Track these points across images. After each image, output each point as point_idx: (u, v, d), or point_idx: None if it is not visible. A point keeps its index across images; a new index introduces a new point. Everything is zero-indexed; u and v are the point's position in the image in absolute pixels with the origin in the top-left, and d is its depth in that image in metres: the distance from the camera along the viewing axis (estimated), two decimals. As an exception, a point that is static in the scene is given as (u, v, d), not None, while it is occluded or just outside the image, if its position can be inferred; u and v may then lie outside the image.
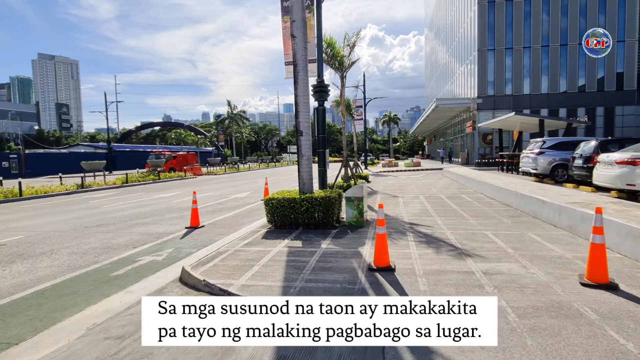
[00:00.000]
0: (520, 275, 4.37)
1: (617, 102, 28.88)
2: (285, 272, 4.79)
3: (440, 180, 18.80)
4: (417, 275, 4.49)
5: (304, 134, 7.88)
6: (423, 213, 9.02)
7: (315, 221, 7.34)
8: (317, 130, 10.84)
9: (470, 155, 34.16)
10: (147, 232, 8.26)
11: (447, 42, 47.08)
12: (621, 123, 28.92)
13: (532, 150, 12.90)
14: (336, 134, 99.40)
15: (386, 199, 11.87)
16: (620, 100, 29.09)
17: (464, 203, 10.47)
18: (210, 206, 12.06)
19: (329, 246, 5.98)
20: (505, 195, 10.08)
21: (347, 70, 14.93)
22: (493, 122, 19.26)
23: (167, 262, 5.96)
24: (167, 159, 31.92)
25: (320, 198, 7.23)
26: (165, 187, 20.51)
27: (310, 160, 7.96)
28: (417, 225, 7.52)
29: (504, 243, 5.87)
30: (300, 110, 7.85)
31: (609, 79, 30.02)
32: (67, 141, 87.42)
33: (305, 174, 7.91)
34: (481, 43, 31.31)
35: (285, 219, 7.41)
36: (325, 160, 10.71)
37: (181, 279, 5.05)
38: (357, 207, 7.55)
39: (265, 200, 7.48)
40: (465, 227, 7.19)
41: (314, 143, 10.86)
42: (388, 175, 24.35)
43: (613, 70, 29.54)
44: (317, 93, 10.70)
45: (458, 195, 12.37)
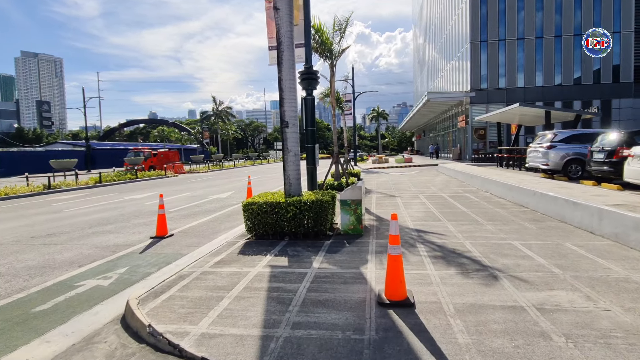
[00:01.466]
0: (591, 313, 3.16)
1: (614, 94, 28.32)
2: (266, 309, 3.49)
3: (437, 177, 17.70)
4: (448, 314, 3.24)
5: (289, 126, 6.56)
6: (429, 217, 7.81)
7: (305, 230, 6.04)
8: (306, 122, 9.57)
9: (463, 151, 33.28)
10: (102, 244, 6.83)
11: (435, 37, 46.18)
12: (618, 116, 28.37)
13: (541, 144, 11.83)
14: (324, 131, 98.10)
15: (383, 200, 10.65)
16: (617, 93, 28.54)
17: (472, 204, 9.31)
18: (186, 209, 10.63)
19: (322, 265, 4.70)
20: (519, 194, 8.95)
21: (337, 58, 13.62)
22: (492, 115, 18.28)
23: (114, 289, 4.59)
24: (147, 156, 30.02)
25: (310, 202, 5.93)
26: (142, 187, 18.90)
27: (297, 157, 6.65)
28: (427, 233, 6.29)
29: (543, 259, 4.67)
30: (286, 98, 6.52)
31: (605, 71, 29.42)
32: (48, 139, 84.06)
33: (292, 172, 6.59)
34: (473, 35, 30.34)
35: (268, 228, 6.09)
36: (315, 156, 9.43)
37: (124, 318, 3.72)
38: (355, 212, 6.28)
39: (244, 204, 6.14)
40: (484, 236, 5.99)
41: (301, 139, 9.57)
42: (380, 172, 23.19)
43: (609, 62, 28.95)
44: (306, 81, 9.41)
45: (462, 194, 11.22)
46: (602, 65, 29.14)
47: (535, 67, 30.08)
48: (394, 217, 3.59)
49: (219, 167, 35.57)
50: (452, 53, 36.89)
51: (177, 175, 26.56)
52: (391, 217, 3.60)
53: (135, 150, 31.24)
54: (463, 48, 32.43)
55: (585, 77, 29.69)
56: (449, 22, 37.66)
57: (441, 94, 35.00)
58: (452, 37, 36.51)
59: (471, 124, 30.83)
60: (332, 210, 6.54)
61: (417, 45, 68.53)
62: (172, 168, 27.68)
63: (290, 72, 6.56)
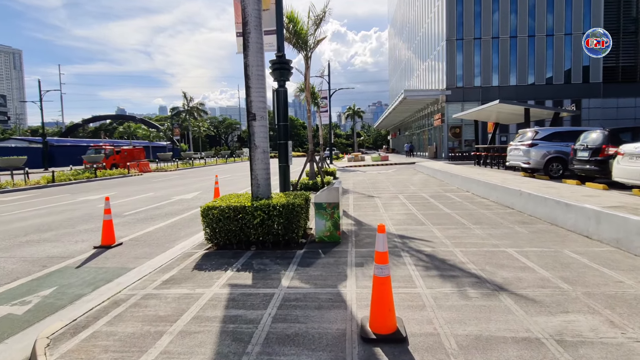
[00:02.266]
0: (622, 347, 2.55)
1: (584, 94, 29.10)
2: (217, 350, 2.68)
3: (415, 175, 17.29)
4: (449, 351, 2.55)
5: (257, 118, 5.73)
6: (411, 220, 7.19)
7: (274, 238, 5.24)
8: (277, 116, 8.76)
9: (439, 149, 33.37)
10: (33, 256, 5.76)
11: (411, 36, 46.35)
12: (587, 116, 29.20)
13: (522, 142, 11.54)
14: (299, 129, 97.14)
15: (361, 200, 9.99)
16: (587, 93, 29.33)
17: (455, 204, 8.80)
18: (144, 212, 9.55)
19: (293, 283, 3.92)
20: (504, 194, 8.50)
21: (312, 49, 12.84)
22: (470, 113, 18.09)
23: (30, 319, 3.64)
24: (109, 154, 27.98)
25: (280, 206, 5.13)
26: (100, 186, 17.40)
27: (266, 154, 5.83)
28: (412, 240, 5.64)
29: (545, 270, 4.10)
30: (253, 86, 5.69)
31: (575, 71, 30.18)
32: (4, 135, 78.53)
33: (260, 172, 5.77)
34: (449, 32, 30.35)
35: (232, 236, 5.25)
36: (288, 154, 8.66)
37: (29, 366, 2.82)
38: (331, 216, 5.53)
39: (203, 209, 5.27)
40: (474, 242, 5.40)
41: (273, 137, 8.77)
42: (356, 171, 22.63)
43: (579, 63, 29.69)
44: (277, 71, 8.61)
45: (442, 194, 10.74)
46: (573, 66, 29.89)
47: (510, 66, 30.48)
48: (380, 230, 2.86)
49: (189, 166, 33.94)
50: (428, 52, 36.96)
51: (141, 174, 24.92)
52: (378, 230, 2.87)
53: (95, 147, 29.04)
54: (439, 46, 32.43)
55: (556, 77, 30.36)
56: (424, 20, 37.70)
57: (418, 92, 34.91)
58: (428, 36, 36.54)
59: (447, 122, 30.88)
60: (306, 214, 5.77)
61: (393, 45, 68.83)
62: (137, 166, 25.95)
63: (258, 57, 5.72)
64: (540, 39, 30.13)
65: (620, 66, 33.27)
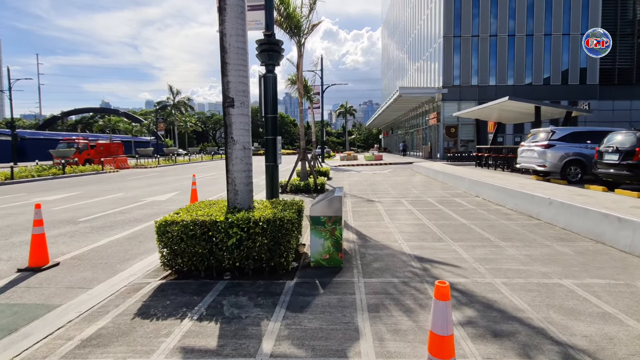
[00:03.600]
0: None
1: (580, 95, 28.45)
2: None
3: (413, 177, 16.12)
4: None
5: (236, 104, 4.39)
6: (425, 233, 5.95)
7: (256, 263, 3.92)
8: (265, 107, 7.45)
9: (434, 149, 32.40)
10: None
11: (404, 35, 45.38)
12: (583, 117, 28.52)
13: (537, 143, 10.43)
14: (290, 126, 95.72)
15: (360, 206, 8.73)
16: (583, 94, 28.68)
17: (469, 213, 7.61)
18: (103, 218, 8.09)
19: (279, 348, 2.61)
20: (525, 202, 7.34)
21: (306, 35, 11.50)
22: (472, 111, 17.04)
23: None
24: (82, 148, 25.84)
25: (264, 221, 3.82)
26: (64, 185, 15.70)
27: (248, 152, 4.50)
28: (434, 265, 4.38)
29: (637, 320, 2.88)
30: (230, 62, 4.34)
31: (572, 72, 29.50)
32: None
33: (239, 174, 4.43)
34: (447, 29, 29.31)
35: (198, 261, 3.91)
36: (277, 152, 7.36)
37: None
38: (332, 233, 4.24)
39: (158, 225, 3.92)
40: (514, 268, 4.19)
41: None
42: (350, 170, 21.40)
43: (577, 64, 29.02)
44: (265, 53, 7.28)
45: (450, 199, 9.55)
46: (570, 67, 29.20)
47: (507, 65, 29.64)
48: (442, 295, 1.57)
49: (171, 162, 32.11)
50: (423, 50, 35.95)
51: (118, 170, 23.10)
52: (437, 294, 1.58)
53: (67, 141, 26.75)
54: (435, 43, 31.39)
55: (554, 77, 29.64)
56: (419, 18, 36.67)
57: (414, 89, 33.87)
58: (423, 34, 35.51)
59: (443, 121, 29.90)
60: (298, 230, 4.47)
61: (386, 44, 67.89)
62: (114, 162, 24.08)
63: (238, 24, 4.37)
64: (539, 39, 29.35)
65: (617, 68, 32.79)
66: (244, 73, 4.41)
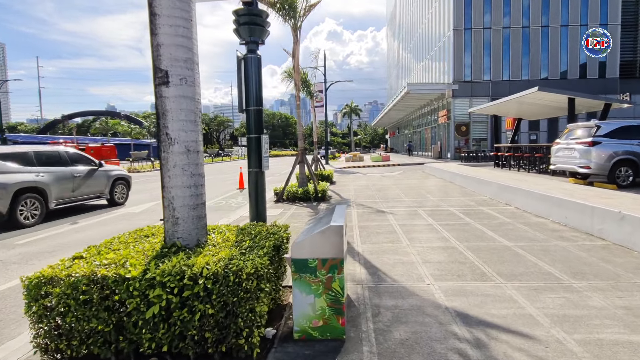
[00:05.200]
0: None
1: (600, 90, 26.42)
2: None
3: (427, 180, 14.44)
4: None
5: (172, 81, 2.80)
6: (460, 264, 4.33)
7: (197, 347, 2.32)
8: (247, 97, 5.91)
9: (444, 148, 30.63)
10: None
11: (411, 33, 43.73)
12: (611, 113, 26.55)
13: (578, 139, 8.73)
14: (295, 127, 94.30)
15: (369, 219, 7.11)
16: (603, 89, 26.67)
17: (506, 228, 5.96)
18: (51, 238, 6.56)
19: None
20: (580, 215, 5.67)
21: (302, 18, 9.94)
22: (489, 106, 15.34)
23: None
24: (70, 152, 24.35)
25: (209, 276, 2.22)
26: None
27: (194, 156, 2.91)
28: (491, 335, 2.76)
29: None
30: (163, 13, 2.77)
31: (591, 65, 27.52)
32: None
33: (179, 192, 2.84)
34: (457, 21, 27.54)
35: (99, 344, 2.32)
36: (261, 154, 5.81)
37: None
38: (327, 287, 2.63)
39: (27, 286, 2.34)
40: (623, 340, 2.56)
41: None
42: (356, 173, 19.74)
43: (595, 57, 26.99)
44: (246, 26, 5.73)
45: (476, 208, 7.90)
46: (589, 59, 27.22)
47: (522, 59, 27.76)
48: None
49: (170, 166, 30.45)
50: (430, 46, 34.22)
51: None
52: None
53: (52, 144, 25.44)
54: (445, 37, 29.63)
55: (571, 71, 27.70)
56: (427, 11, 34.94)
57: (422, 86, 32.13)
58: (431, 28, 33.77)
59: (453, 119, 28.13)
60: (273, 284, 2.88)
61: (390, 44, 66.21)
62: (104, 167, 22.50)
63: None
64: (555, 30, 27.42)
65: (639, 61, 30.78)
66: (186, 32, 2.83)
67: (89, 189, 9.16)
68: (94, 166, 9.51)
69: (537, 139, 27.99)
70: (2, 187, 7.06)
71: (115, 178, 10.16)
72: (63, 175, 8.44)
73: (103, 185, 9.68)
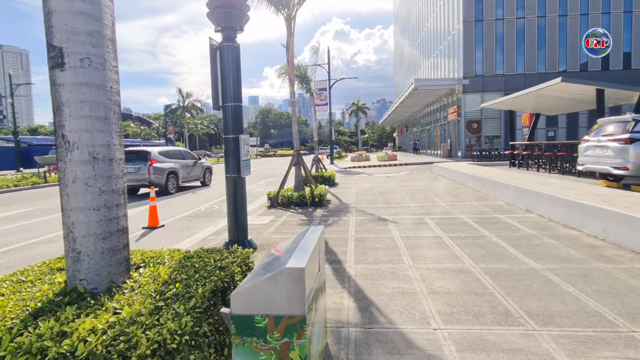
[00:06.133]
0: None
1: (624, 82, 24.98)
2: None
3: (436, 181, 13.48)
4: None
5: (67, 62, 1.99)
6: (477, 296, 3.45)
7: None
8: (223, 92, 5.12)
9: (454, 147, 29.48)
10: None
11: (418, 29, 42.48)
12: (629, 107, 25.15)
13: (612, 136, 7.72)
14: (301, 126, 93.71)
15: (368, 229, 6.25)
16: (627, 81, 25.18)
17: (532, 244, 5.05)
18: (22, 249, 5.88)
19: None
20: (624, 229, 4.73)
21: (296, 7, 9.10)
22: (504, 101, 14.26)
23: None
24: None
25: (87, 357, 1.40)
26: (35, 196, 13.70)
27: (104, 167, 2.10)
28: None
29: None
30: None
31: (614, 56, 26.07)
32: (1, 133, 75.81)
33: (82, 216, 2.04)
34: (467, 13, 26.36)
35: None
36: (240, 157, 5.01)
37: None
38: (283, 356, 1.79)
39: None
40: None
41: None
42: (360, 173, 18.84)
43: (619, 47, 25.58)
44: (220, 10, 4.93)
45: (492, 216, 6.98)
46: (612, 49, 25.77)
47: (537, 51, 26.43)
48: None
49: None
50: (438, 42, 33.05)
51: (110, 177, 21.12)
52: None
53: (56, 147, 25.30)
54: (454, 30, 28.45)
55: (592, 63, 26.27)
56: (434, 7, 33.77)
57: (431, 81, 30.98)
58: (439, 23, 32.58)
59: (464, 115, 26.98)
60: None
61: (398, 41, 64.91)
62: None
63: None
64: (574, 19, 26.03)
65: (664, 51, 29.15)
66: (87, -8, 2.02)
67: (194, 173, 14.17)
68: (195, 160, 14.35)
69: (555, 135, 26.69)
70: (161, 170, 11.98)
71: (206, 167, 14.98)
72: (184, 165, 13.44)
73: (200, 172, 14.61)
